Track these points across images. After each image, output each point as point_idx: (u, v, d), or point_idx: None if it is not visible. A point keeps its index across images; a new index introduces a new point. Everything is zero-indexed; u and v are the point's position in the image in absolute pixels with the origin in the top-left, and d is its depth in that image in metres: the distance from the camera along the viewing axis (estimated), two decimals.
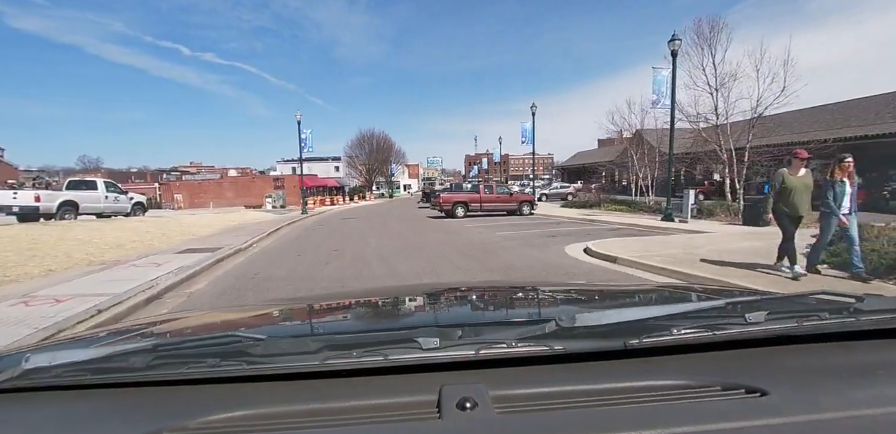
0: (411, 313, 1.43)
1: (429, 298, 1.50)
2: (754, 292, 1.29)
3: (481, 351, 0.70)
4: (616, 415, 0.58)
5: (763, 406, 0.59)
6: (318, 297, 2.43)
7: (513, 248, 9.23)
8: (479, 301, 1.52)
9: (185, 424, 0.58)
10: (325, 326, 1.27)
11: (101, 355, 0.71)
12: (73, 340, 1.20)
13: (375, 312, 1.45)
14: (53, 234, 10.57)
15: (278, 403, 0.63)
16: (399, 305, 1.50)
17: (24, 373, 0.68)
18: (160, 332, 1.17)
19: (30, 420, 0.63)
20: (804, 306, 0.97)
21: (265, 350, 0.70)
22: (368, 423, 0.58)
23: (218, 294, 5.64)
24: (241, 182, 44.37)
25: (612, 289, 1.94)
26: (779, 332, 0.77)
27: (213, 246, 9.71)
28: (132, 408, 0.65)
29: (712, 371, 0.70)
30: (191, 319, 1.41)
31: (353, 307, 1.50)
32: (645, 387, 0.65)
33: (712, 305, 0.89)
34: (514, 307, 1.46)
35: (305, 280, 6.27)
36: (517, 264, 7.28)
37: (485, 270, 6.82)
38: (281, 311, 1.51)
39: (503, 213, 18.36)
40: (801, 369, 0.71)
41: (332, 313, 1.44)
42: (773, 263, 5.90)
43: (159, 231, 12.64)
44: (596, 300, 1.51)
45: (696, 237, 9.62)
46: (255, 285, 6.01)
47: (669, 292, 1.54)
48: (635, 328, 0.75)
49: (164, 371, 0.69)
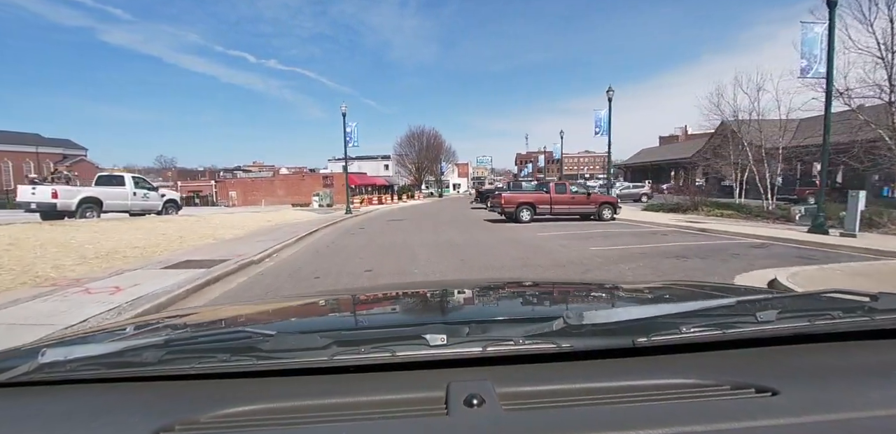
0: (419, 310, 1.43)
1: (436, 295, 1.56)
2: (765, 291, 1.28)
3: (488, 348, 0.70)
4: (624, 413, 0.57)
5: (774, 406, 0.58)
6: (328, 294, 2.38)
7: (641, 279, 6.01)
8: (486, 298, 1.51)
9: (196, 418, 0.59)
10: (334, 322, 1.28)
11: (115, 350, 0.72)
12: (87, 335, 1.19)
13: (384, 309, 1.46)
14: (44, 235, 8.93)
15: (287, 398, 0.63)
16: (407, 302, 1.51)
17: (40, 367, 0.68)
18: (172, 327, 1.16)
19: (45, 413, 0.64)
20: (816, 305, 0.97)
21: (275, 345, 0.71)
22: (377, 419, 0.58)
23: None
24: (291, 180, 44.00)
25: (621, 286, 1.78)
26: (790, 331, 0.75)
27: (221, 256, 7.59)
28: (145, 401, 0.65)
29: (722, 370, 0.68)
30: (202, 315, 1.42)
31: (361, 303, 1.49)
32: (654, 385, 0.64)
33: (722, 304, 0.88)
34: (522, 304, 1.46)
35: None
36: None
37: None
38: (291, 306, 1.51)
39: (575, 218, 15.23)
40: (814, 369, 0.70)
41: (340, 309, 1.46)
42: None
43: (178, 233, 10.85)
44: (604, 298, 1.52)
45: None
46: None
47: (679, 290, 1.53)
48: (644, 326, 0.74)
49: (176, 366, 0.69)
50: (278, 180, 44.99)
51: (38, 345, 0.87)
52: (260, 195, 39.25)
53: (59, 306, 4.41)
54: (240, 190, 44.43)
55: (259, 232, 12.23)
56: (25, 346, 0.91)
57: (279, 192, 39.73)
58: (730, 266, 6.56)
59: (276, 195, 38.97)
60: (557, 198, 14.93)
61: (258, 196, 39.16)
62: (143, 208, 15.28)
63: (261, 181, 45.73)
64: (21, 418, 0.62)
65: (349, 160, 25.70)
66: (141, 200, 15.13)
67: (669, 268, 6.61)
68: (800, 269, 5.93)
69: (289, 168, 65.23)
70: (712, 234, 10.90)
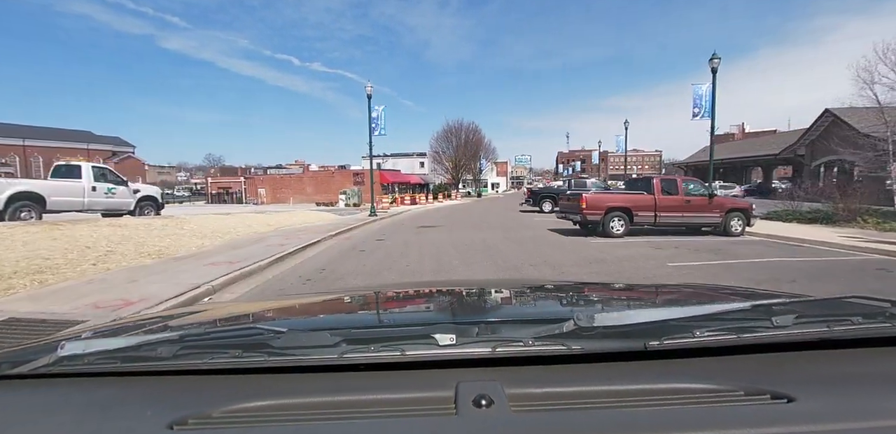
0: (428, 309, 1.41)
1: (446, 295, 1.54)
2: (782, 295, 1.22)
3: (498, 349, 0.69)
4: (634, 417, 0.56)
5: (790, 413, 0.56)
6: (339, 292, 2.39)
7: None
8: (496, 298, 1.48)
9: (209, 412, 0.60)
10: (344, 321, 1.26)
11: (131, 344, 0.73)
12: (105, 330, 1.21)
13: (393, 308, 1.45)
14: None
15: (298, 395, 0.63)
16: (417, 301, 1.51)
17: (59, 360, 0.70)
18: (187, 323, 1.19)
19: (65, 404, 0.65)
20: (835, 310, 0.95)
21: (285, 342, 0.71)
22: (385, 417, 0.58)
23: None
24: (320, 177, 41.17)
25: (633, 288, 1.79)
26: (807, 336, 0.74)
27: (74, 308, 3.79)
28: (160, 395, 0.66)
29: (736, 375, 0.67)
30: (216, 311, 1.42)
31: (371, 302, 1.48)
32: (665, 389, 0.63)
33: (737, 307, 0.87)
34: (532, 305, 1.43)
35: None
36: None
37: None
38: (302, 304, 1.52)
39: (681, 231, 10.68)
40: (832, 376, 0.68)
41: (351, 308, 1.45)
42: None
43: (110, 246, 7.33)
44: (616, 300, 1.49)
45: None
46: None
47: (692, 293, 1.50)
48: (656, 329, 0.73)
49: (189, 361, 0.70)
50: (307, 177, 42.30)
51: (59, 338, 0.89)
52: (289, 192, 37.04)
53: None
54: (268, 187, 42.45)
55: (234, 244, 8.62)
56: (45, 340, 0.94)
57: (308, 190, 37.19)
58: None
59: (305, 193, 36.54)
60: (665, 201, 10.21)
61: (287, 193, 36.97)
62: (107, 207, 11.94)
63: (289, 178, 43.30)
64: (42, 408, 0.64)
65: (382, 157, 22.39)
66: (103, 197, 11.77)
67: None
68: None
69: (321, 166, 62.65)
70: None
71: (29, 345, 0.92)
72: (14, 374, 0.72)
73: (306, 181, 41.01)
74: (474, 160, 55.51)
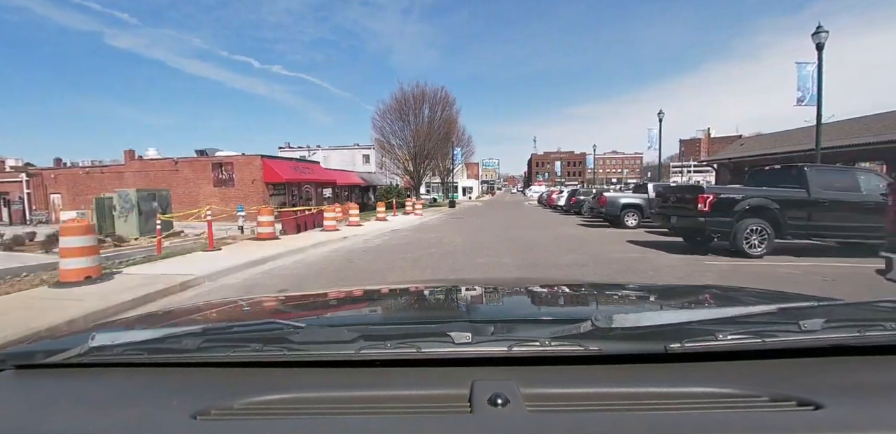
0: (445, 307, 1.39)
1: (463, 293, 1.49)
2: (810, 298, 1.11)
3: (514, 348, 0.68)
4: (653, 421, 0.54)
5: (817, 420, 0.54)
6: (357, 288, 2.43)
7: None
8: (513, 297, 1.46)
9: (230, 404, 0.61)
10: (362, 317, 1.26)
11: (157, 337, 0.75)
12: (132, 322, 1.26)
13: (410, 305, 1.44)
14: None
15: (315, 389, 0.64)
16: (434, 299, 1.48)
17: (89, 350, 0.72)
18: (210, 316, 1.19)
19: (94, 393, 0.67)
20: (868, 315, 0.92)
21: (304, 337, 0.73)
22: (401, 414, 0.58)
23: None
24: (155, 170, 22.60)
25: (653, 289, 1.66)
26: (838, 341, 0.71)
27: None
28: (184, 386, 0.68)
29: (761, 380, 0.64)
30: (238, 305, 1.39)
31: (388, 299, 1.48)
32: (686, 393, 0.61)
33: (762, 310, 0.84)
34: (549, 305, 1.40)
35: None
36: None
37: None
38: (320, 300, 1.51)
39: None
40: (862, 383, 0.65)
41: (368, 304, 1.44)
42: None
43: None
44: (635, 300, 1.45)
45: None
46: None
47: (714, 294, 1.41)
48: (677, 331, 0.71)
49: (212, 353, 0.72)
50: (132, 172, 23.38)
51: (89, 329, 0.92)
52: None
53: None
54: (67, 190, 23.05)
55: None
56: (78, 332, 0.98)
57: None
58: None
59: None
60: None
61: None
62: None
63: (103, 174, 24.03)
64: (73, 397, 0.66)
65: (308, 150, 20.68)
66: None
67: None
68: None
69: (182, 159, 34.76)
70: None
71: (62, 335, 1.03)
72: (47, 364, 0.75)
73: (131, 178, 22.04)
74: (444, 149, 33.10)
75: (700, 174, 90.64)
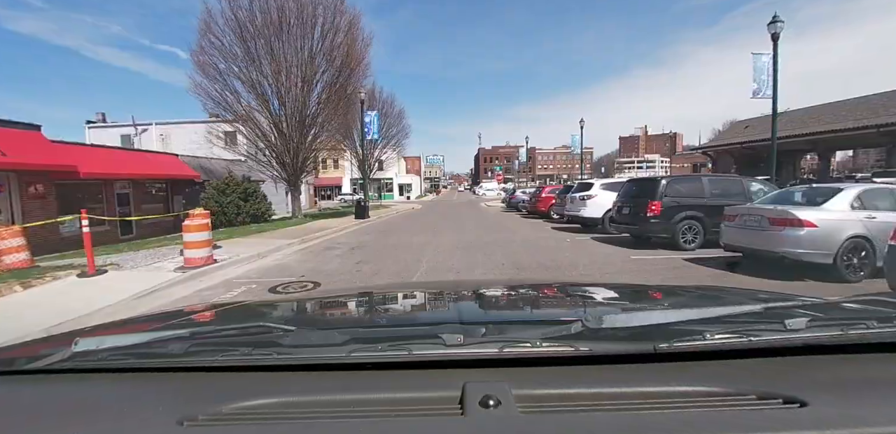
0: (436, 309, 1.38)
1: (453, 295, 1.50)
2: (795, 297, 1.16)
3: (505, 349, 0.69)
4: (643, 420, 0.55)
5: (802, 417, 0.55)
6: (347, 291, 2.36)
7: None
8: (503, 299, 1.47)
9: (219, 409, 0.60)
10: (352, 320, 1.26)
11: (143, 341, 0.75)
12: (118, 326, 1.23)
13: (401, 307, 1.43)
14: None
15: (306, 393, 0.63)
16: (424, 301, 1.47)
17: (73, 355, 0.71)
18: (197, 320, 1.18)
19: (77, 399, 0.65)
20: (850, 313, 0.93)
21: (294, 341, 0.73)
22: (392, 416, 0.57)
23: None
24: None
25: (642, 289, 1.76)
26: (821, 340, 0.72)
27: None
28: (170, 392, 0.66)
29: (747, 379, 0.65)
30: (226, 309, 1.37)
31: (379, 302, 1.46)
32: (675, 392, 0.62)
33: (748, 310, 0.86)
34: (540, 306, 1.40)
35: None
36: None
37: None
38: (311, 303, 1.48)
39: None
40: (846, 380, 0.66)
41: (359, 307, 1.42)
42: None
43: None
44: (624, 301, 1.45)
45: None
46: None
47: (702, 294, 1.45)
48: (666, 331, 0.72)
49: (200, 358, 0.71)
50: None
51: (72, 333, 0.90)
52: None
53: None
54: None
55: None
56: (60, 335, 0.95)
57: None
58: None
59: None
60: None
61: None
62: None
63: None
64: (55, 404, 0.64)
65: (133, 127, 16.47)
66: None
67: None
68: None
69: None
70: None
71: (43, 340, 0.99)
72: (28, 370, 0.73)
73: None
74: (345, 106, 16.37)
75: (643, 171, 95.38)
